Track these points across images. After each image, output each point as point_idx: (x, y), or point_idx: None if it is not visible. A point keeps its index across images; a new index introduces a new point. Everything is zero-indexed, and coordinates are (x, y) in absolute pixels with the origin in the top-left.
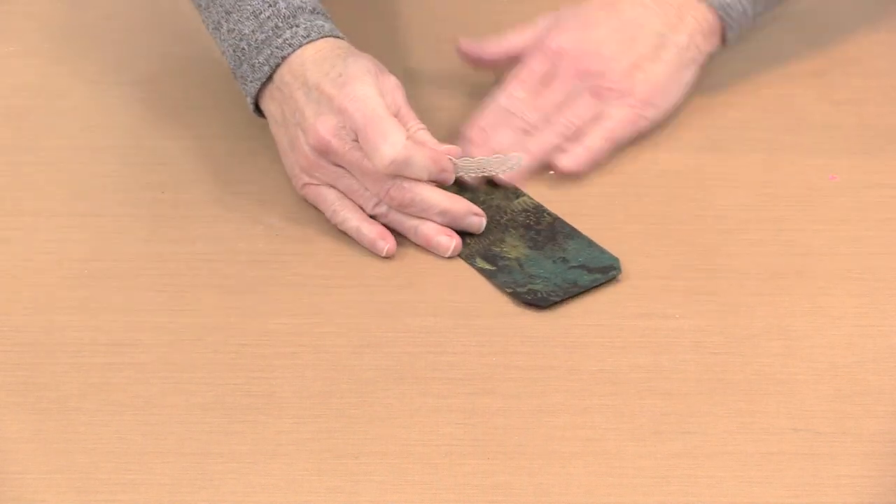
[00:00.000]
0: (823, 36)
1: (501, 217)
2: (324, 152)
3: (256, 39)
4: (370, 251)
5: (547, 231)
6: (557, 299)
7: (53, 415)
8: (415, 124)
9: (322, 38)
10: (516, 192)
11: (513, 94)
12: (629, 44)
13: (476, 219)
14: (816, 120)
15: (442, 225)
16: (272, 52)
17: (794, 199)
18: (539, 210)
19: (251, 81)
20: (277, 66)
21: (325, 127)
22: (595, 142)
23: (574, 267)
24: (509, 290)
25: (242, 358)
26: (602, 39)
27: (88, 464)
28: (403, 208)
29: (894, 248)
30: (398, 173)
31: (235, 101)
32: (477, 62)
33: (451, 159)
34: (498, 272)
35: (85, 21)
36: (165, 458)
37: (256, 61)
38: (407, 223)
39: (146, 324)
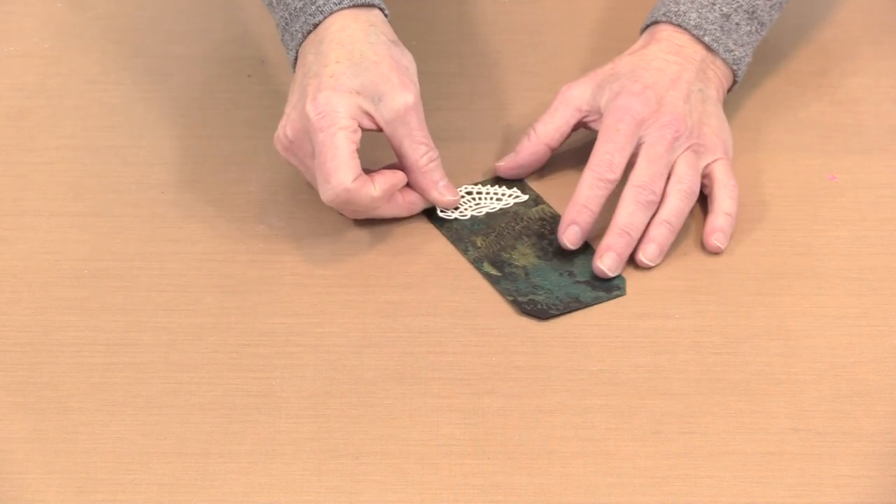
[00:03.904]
0: (823, 36)
1: (517, 224)
2: (288, 147)
3: (295, 7)
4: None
5: (560, 242)
6: (557, 313)
7: (53, 415)
8: (425, 151)
9: (356, 6)
10: (536, 200)
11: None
12: (687, 101)
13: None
14: (816, 120)
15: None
16: (306, 19)
17: (794, 199)
18: (556, 220)
19: (290, 49)
20: (310, 32)
21: (292, 126)
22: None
23: (580, 282)
24: (510, 298)
25: (242, 358)
26: (668, 100)
27: (88, 464)
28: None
29: (894, 248)
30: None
31: (235, 100)
32: (518, 169)
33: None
34: (503, 279)
35: (85, 21)
36: (165, 458)
37: (294, 28)
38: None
39: (146, 324)
